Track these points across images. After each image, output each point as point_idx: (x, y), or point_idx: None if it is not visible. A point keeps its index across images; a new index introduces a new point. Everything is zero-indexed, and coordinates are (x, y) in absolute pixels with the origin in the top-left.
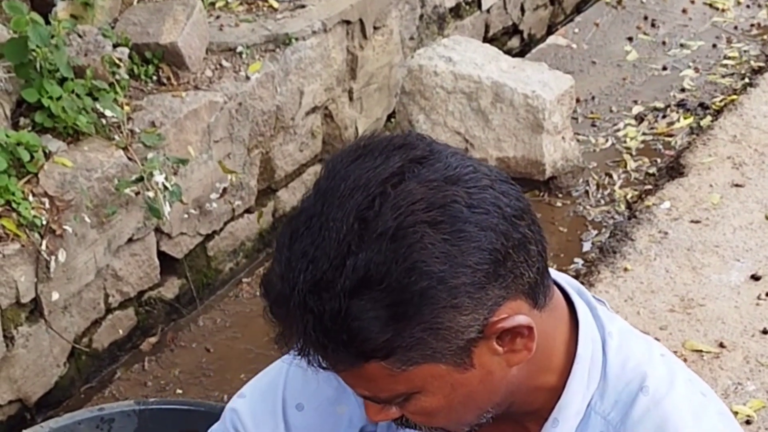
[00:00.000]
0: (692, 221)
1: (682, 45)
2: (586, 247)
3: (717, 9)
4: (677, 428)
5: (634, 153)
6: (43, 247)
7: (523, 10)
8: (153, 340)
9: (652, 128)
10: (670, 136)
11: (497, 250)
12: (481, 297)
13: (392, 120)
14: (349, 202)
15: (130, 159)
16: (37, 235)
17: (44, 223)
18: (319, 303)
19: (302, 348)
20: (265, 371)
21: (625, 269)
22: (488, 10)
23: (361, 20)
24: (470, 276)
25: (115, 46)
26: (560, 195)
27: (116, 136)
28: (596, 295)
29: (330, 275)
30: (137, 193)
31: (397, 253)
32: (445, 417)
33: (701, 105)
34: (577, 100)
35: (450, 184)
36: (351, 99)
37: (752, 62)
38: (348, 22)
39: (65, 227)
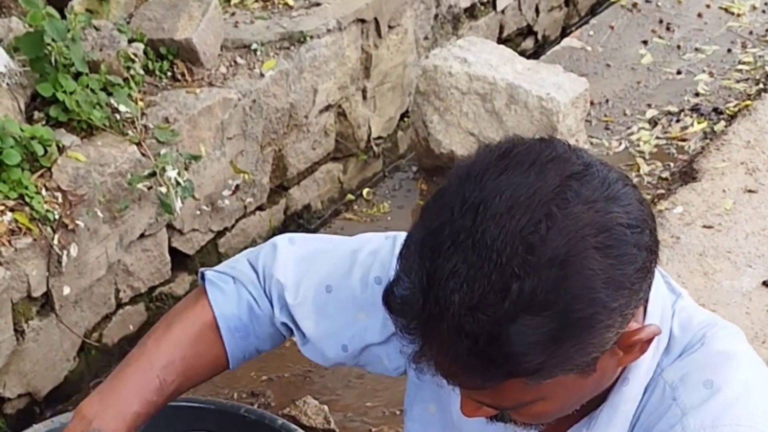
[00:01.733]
0: (705, 226)
1: (696, 49)
2: None
3: (732, 14)
4: (715, 366)
5: (647, 157)
6: (56, 241)
7: (537, 11)
8: None
9: (665, 132)
10: (684, 140)
11: (647, 268)
12: (628, 313)
13: (405, 119)
14: (510, 222)
15: (143, 154)
16: (49, 230)
17: (57, 217)
18: (476, 326)
19: (444, 371)
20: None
21: None
22: (503, 11)
23: (376, 19)
24: (626, 297)
25: (130, 41)
26: None
27: (130, 132)
28: None
29: (491, 299)
30: (150, 188)
31: (566, 282)
32: (555, 416)
33: (715, 110)
34: (591, 103)
35: (610, 203)
36: (365, 98)
37: (767, 67)
38: (363, 21)
39: (78, 222)
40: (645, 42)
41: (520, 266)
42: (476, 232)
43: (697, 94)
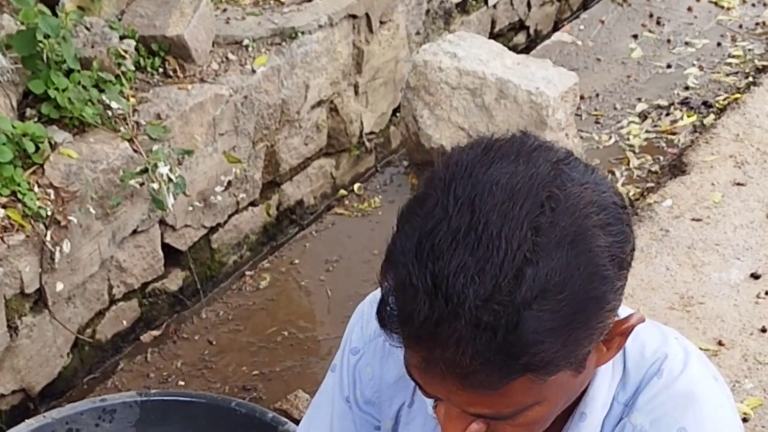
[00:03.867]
0: (693, 219)
1: (686, 43)
2: None
3: (722, 7)
4: (684, 410)
5: (637, 150)
6: (48, 237)
7: (529, 5)
8: (156, 332)
9: (655, 126)
10: (674, 134)
11: (633, 252)
12: (621, 298)
13: (397, 115)
14: (513, 209)
15: (135, 151)
16: (42, 226)
17: (49, 214)
18: (494, 319)
19: (461, 373)
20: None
21: None
22: (495, 6)
23: (367, 14)
24: (624, 278)
25: (121, 38)
26: None
27: (122, 128)
28: None
29: (506, 288)
30: (142, 184)
31: (579, 260)
32: (541, 425)
33: (705, 103)
34: (581, 97)
35: (599, 185)
36: (356, 93)
37: (756, 61)
38: (354, 17)
39: (70, 218)
40: (635, 36)
41: (530, 250)
42: (478, 224)
43: (686, 88)
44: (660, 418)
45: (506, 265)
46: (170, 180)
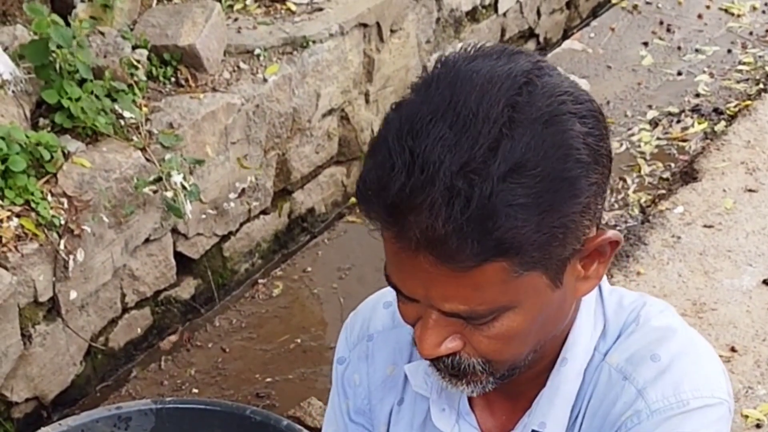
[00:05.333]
0: (705, 226)
1: (697, 50)
2: None
3: (732, 14)
4: (660, 341)
5: (648, 157)
6: (62, 246)
7: (539, 13)
8: (170, 339)
9: (666, 133)
10: (684, 141)
11: (610, 163)
12: (597, 205)
13: None
14: (493, 90)
15: (147, 160)
16: (55, 235)
17: (63, 222)
18: (468, 186)
19: (433, 239)
20: None
21: (638, 273)
22: (504, 14)
23: (378, 23)
24: (600, 177)
25: (134, 47)
26: None
27: (134, 137)
28: None
29: (481, 158)
30: (155, 192)
31: (554, 138)
32: (517, 344)
33: (715, 110)
34: None
35: (576, 87)
36: (367, 101)
37: (767, 68)
38: (365, 25)
39: (83, 227)
40: (645, 43)
41: (506, 125)
42: (458, 102)
43: (697, 95)
44: (634, 353)
45: (482, 137)
46: (184, 188)
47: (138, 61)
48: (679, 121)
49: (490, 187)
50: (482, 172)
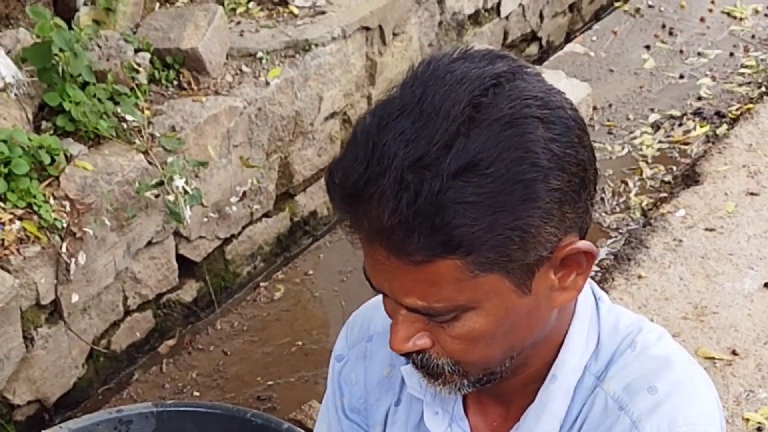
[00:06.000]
0: (707, 229)
1: (699, 54)
2: (601, 254)
3: (735, 18)
4: (658, 372)
5: (650, 161)
6: (64, 249)
7: (541, 17)
8: (171, 342)
9: (668, 136)
10: (686, 144)
11: (586, 171)
12: (565, 213)
13: None
14: (459, 89)
15: (150, 163)
16: (57, 238)
17: (65, 225)
18: (418, 181)
19: (381, 230)
20: None
21: (640, 276)
22: (507, 17)
23: (380, 26)
24: (565, 184)
25: (136, 51)
26: None
27: (137, 140)
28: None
29: (435, 154)
30: (157, 196)
31: (511, 140)
32: (484, 347)
33: (717, 113)
34: (594, 108)
35: (555, 93)
36: (370, 104)
37: None
38: (367, 29)
39: (85, 230)
40: (648, 47)
41: (464, 124)
42: (425, 99)
43: (699, 98)
44: (632, 383)
45: (439, 135)
46: (186, 192)
47: (140, 65)
48: (681, 125)
49: (439, 183)
50: (434, 168)
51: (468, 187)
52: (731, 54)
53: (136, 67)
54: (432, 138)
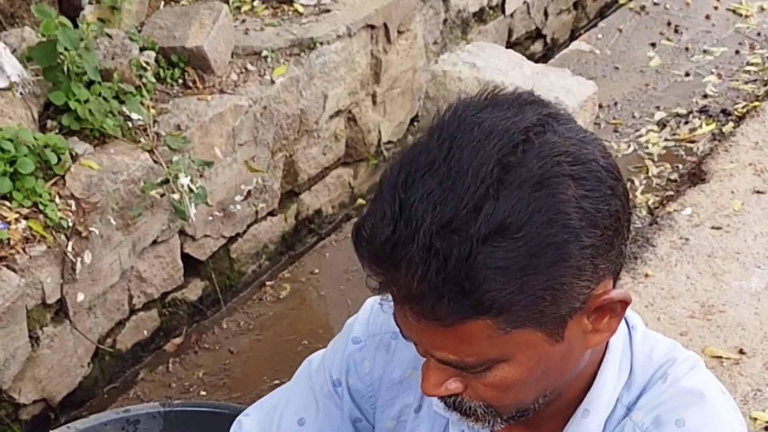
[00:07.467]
0: (713, 227)
1: (705, 51)
2: None
3: (740, 15)
4: (687, 405)
5: (656, 159)
6: (69, 248)
7: (546, 14)
8: (177, 341)
9: (674, 134)
10: (692, 142)
11: (620, 220)
12: (598, 265)
13: (415, 124)
14: (487, 146)
15: (155, 162)
16: (63, 237)
17: (70, 224)
18: (447, 246)
19: (411, 296)
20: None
21: (646, 275)
22: (512, 15)
23: (385, 24)
24: (598, 239)
25: (141, 49)
26: None
27: (142, 139)
28: None
29: (463, 218)
30: (162, 195)
31: (541, 202)
32: (516, 393)
33: (723, 111)
34: (600, 106)
35: (586, 144)
36: (374, 103)
37: None
38: (372, 27)
39: (91, 229)
40: (653, 44)
41: (494, 186)
42: (452, 157)
43: (705, 96)
44: (661, 415)
45: (467, 197)
46: (191, 190)
47: (146, 63)
48: (686, 122)
49: (468, 248)
50: (462, 232)
51: (498, 252)
52: (737, 51)
53: (142, 65)
54: (461, 200)
